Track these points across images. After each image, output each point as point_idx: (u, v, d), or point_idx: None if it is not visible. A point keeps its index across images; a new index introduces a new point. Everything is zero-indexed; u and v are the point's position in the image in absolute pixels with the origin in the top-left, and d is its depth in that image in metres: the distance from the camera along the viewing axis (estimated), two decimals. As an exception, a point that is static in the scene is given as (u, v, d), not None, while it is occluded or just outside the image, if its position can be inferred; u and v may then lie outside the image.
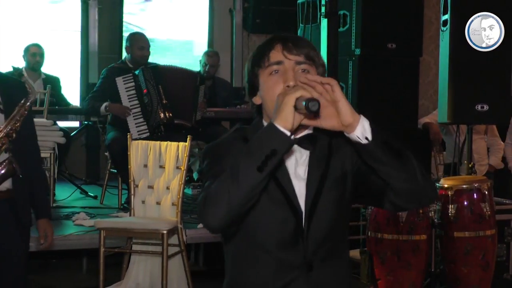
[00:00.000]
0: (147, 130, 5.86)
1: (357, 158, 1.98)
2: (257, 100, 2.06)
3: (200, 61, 7.09)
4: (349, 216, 2.11)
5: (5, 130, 3.20)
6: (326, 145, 2.03)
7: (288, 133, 1.78)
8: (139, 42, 6.22)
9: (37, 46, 7.05)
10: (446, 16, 4.76)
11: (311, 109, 1.75)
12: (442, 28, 4.81)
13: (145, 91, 5.89)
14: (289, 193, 1.97)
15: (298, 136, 2.00)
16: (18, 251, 3.34)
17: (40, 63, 7.03)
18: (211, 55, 7.13)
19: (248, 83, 2.09)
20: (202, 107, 6.20)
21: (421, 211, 4.00)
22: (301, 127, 1.94)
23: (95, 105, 5.99)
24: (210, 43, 9.07)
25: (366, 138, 1.84)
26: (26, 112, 3.27)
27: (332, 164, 2.01)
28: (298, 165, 2.01)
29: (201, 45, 8.78)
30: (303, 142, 2.00)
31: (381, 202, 1.99)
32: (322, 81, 1.84)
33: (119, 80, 5.89)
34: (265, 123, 2.02)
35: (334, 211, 2.00)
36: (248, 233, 1.98)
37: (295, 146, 1.99)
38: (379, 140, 1.85)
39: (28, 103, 3.28)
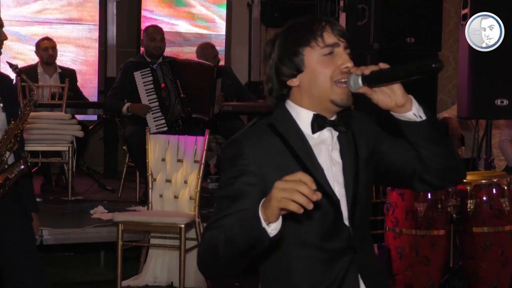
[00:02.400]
0: (165, 124, 5.86)
1: (378, 139, 2.04)
2: (294, 82, 1.99)
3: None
4: (371, 198, 2.15)
5: (16, 131, 3.23)
6: (349, 127, 2.03)
7: (270, 231, 1.69)
8: (151, 33, 6.22)
9: (47, 39, 6.91)
10: (466, 10, 4.72)
11: (437, 68, 1.89)
12: (461, 22, 4.77)
13: (163, 85, 5.90)
14: (323, 185, 1.94)
15: (333, 118, 1.99)
16: (31, 242, 3.38)
17: (54, 56, 6.91)
18: (207, 47, 7.05)
19: (284, 62, 1.97)
20: (219, 101, 6.19)
21: (439, 206, 3.98)
22: (336, 107, 1.97)
23: (117, 104, 5.98)
24: (228, 37, 9.05)
25: (420, 117, 1.92)
26: (31, 111, 3.30)
27: (359, 145, 2.03)
28: (332, 150, 2.00)
29: (219, 39, 8.77)
30: (340, 124, 1.99)
31: (409, 182, 2.04)
32: (380, 66, 1.95)
33: (137, 75, 5.90)
34: (295, 109, 2.00)
35: (367, 193, 2.06)
36: (290, 237, 1.92)
37: (328, 129, 1.99)
38: (432, 119, 1.94)
39: (33, 101, 3.31)
